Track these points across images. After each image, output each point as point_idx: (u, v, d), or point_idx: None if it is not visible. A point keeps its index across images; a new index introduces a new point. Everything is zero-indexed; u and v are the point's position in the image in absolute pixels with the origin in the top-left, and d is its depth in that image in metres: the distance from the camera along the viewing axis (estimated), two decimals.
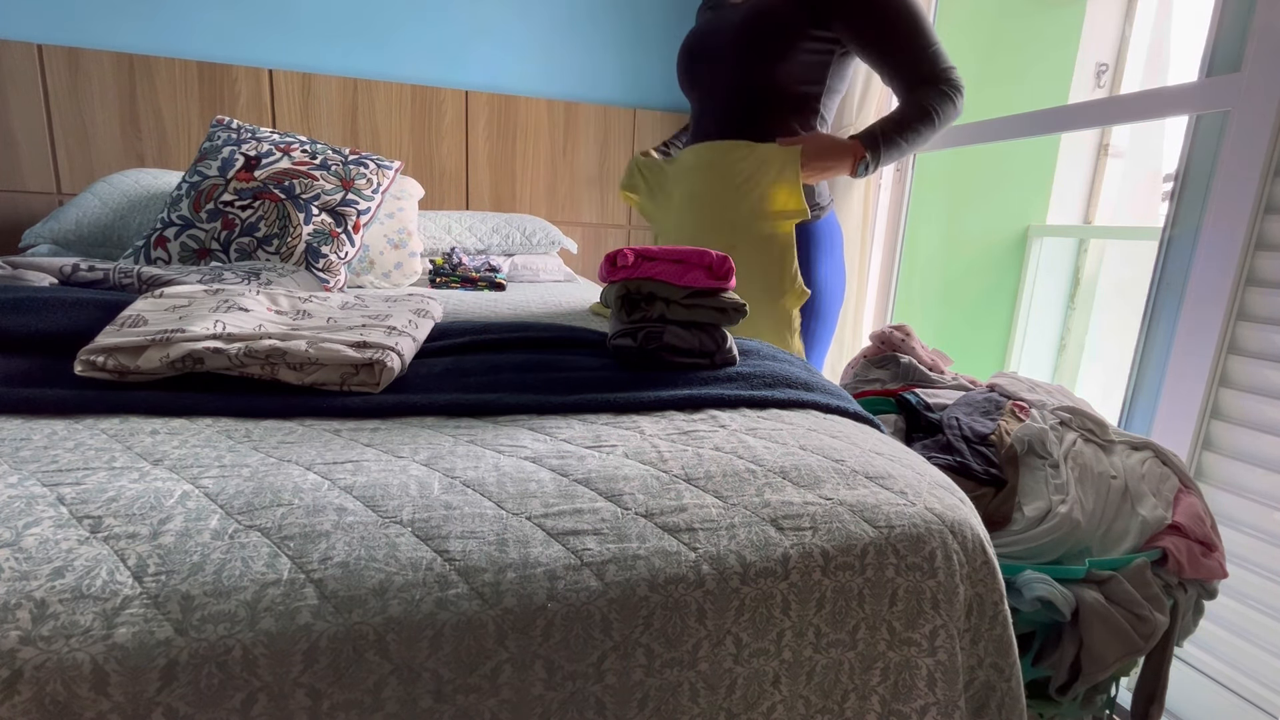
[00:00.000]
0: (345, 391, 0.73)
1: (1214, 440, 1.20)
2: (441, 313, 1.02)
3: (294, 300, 0.90)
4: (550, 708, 0.47)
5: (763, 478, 0.61)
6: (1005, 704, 0.62)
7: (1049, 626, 0.87)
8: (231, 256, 1.41)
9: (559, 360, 0.87)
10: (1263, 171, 1.12)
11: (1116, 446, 1.03)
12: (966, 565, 0.61)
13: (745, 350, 0.96)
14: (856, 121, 1.97)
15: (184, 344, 0.70)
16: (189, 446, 0.59)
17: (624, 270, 0.88)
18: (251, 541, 0.47)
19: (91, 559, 0.43)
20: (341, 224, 1.47)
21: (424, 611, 0.45)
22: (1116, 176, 2.29)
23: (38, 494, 0.49)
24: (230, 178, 1.45)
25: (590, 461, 0.61)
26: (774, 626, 0.54)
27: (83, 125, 1.84)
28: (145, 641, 0.40)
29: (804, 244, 1.28)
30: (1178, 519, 0.93)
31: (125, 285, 1.01)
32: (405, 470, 0.57)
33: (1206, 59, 1.23)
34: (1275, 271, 1.12)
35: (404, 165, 2.06)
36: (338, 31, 2.05)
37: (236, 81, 1.96)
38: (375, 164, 1.58)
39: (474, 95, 2.19)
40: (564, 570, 0.49)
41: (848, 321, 2.10)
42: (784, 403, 0.79)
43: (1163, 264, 1.29)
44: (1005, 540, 0.91)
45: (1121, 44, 2.20)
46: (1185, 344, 1.22)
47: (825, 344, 1.36)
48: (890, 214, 2.14)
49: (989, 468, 0.98)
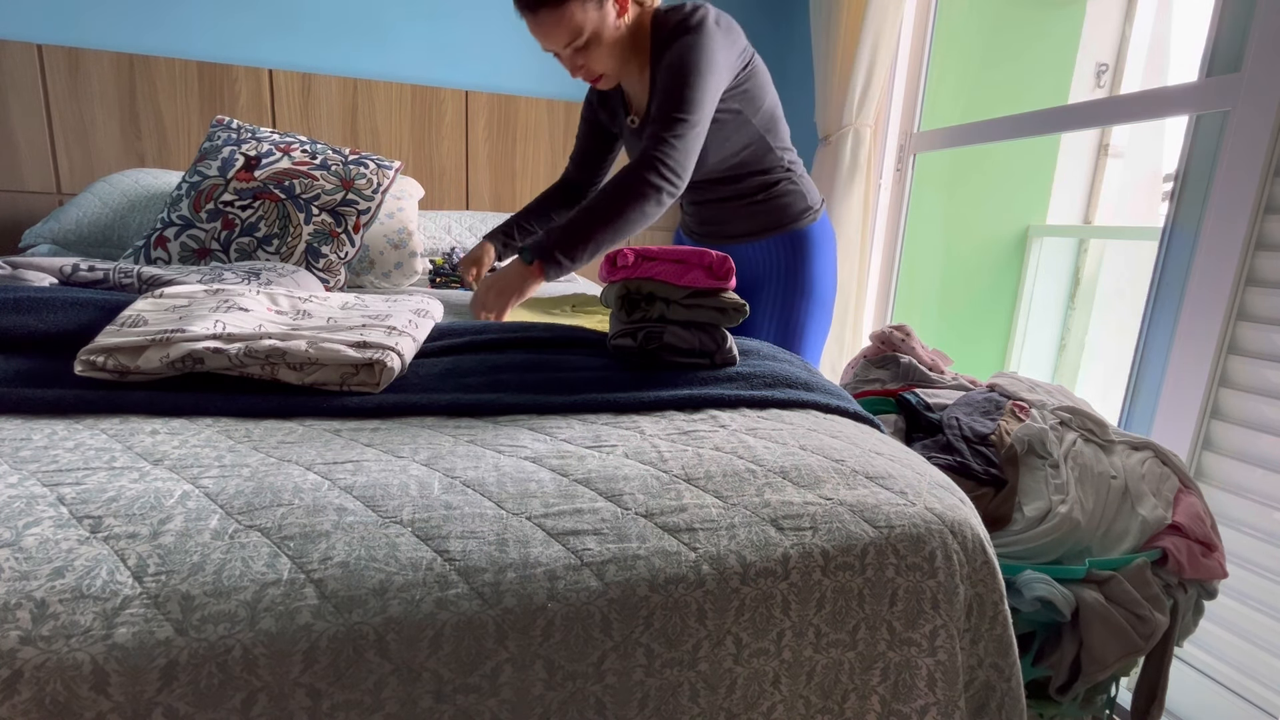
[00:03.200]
0: (345, 391, 0.73)
1: (1214, 440, 1.20)
2: (441, 312, 1.02)
3: (294, 300, 0.90)
4: (550, 708, 0.47)
5: (763, 478, 0.61)
6: (1005, 704, 0.62)
7: (1049, 626, 0.87)
8: (231, 256, 1.41)
9: (559, 360, 0.87)
10: (1263, 171, 1.12)
11: (1116, 446, 1.03)
12: (966, 565, 0.61)
13: (745, 350, 0.97)
14: (856, 121, 1.97)
15: (184, 344, 0.70)
16: (189, 446, 0.59)
17: (624, 270, 0.88)
18: (251, 541, 0.47)
19: (91, 559, 0.43)
20: (341, 224, 1.47)
21: (424, 611, 0.45)
22: (1116, 176, 2.29)
23: (38, 494, 0.49)
24: (230, 178, 1.45)
25: (590, 461, 0.61)
26: (774, 626, 0.54)
27: (83, 125, 1.84)
28: (145, 641, 0.40)
29: (802, 245, 1.34)
30: (1178, 519, 0.93)
31: (125, 285, 1.01)
32: (405, 470, 0.57)
33: (1206, 59, 1.23)
34: (1275, 271, 1.12)
35: (404, 165, 2.06)
36: (338, 31, 2.05)
37: (236, 81, 1.96)
38: (375, 164, 1.58)
39: (474, 95, 2.19)
40: (564, 570, 0.49)
41: (848, 321, 2.10)
42: (784, 403, 0.79)
43: (1163, 264, 1.29)
44: (1005, 540, 0.91)
45: (1121, 44, 2.20)
46: (1185, 344, 1.22)
47: (823, 335, 1.42)
48: (890, 214, 2.14)
49: (989, 468, 0.98)
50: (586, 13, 1.12)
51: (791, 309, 1.36)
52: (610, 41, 1.16)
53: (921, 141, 2.04)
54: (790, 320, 1.36)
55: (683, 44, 1.14)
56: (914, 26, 2.02)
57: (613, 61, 1.19)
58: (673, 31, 1.16)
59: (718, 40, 1.15)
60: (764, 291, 1.38)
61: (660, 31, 1.19)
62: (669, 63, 1.14)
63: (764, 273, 1.38)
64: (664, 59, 1.15)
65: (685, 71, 1.12)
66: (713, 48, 1.14)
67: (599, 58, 1.17)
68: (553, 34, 1.13)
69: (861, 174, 2.01)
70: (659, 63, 1.17)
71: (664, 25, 1.19)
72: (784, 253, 1.36)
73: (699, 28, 1.14)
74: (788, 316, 1.36)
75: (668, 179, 1.11)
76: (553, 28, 1.12)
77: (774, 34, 2.56)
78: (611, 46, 1.17)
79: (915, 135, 2.06)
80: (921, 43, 2.03)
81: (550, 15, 1.11)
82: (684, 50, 1.13)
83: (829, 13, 1.96)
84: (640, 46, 1.23)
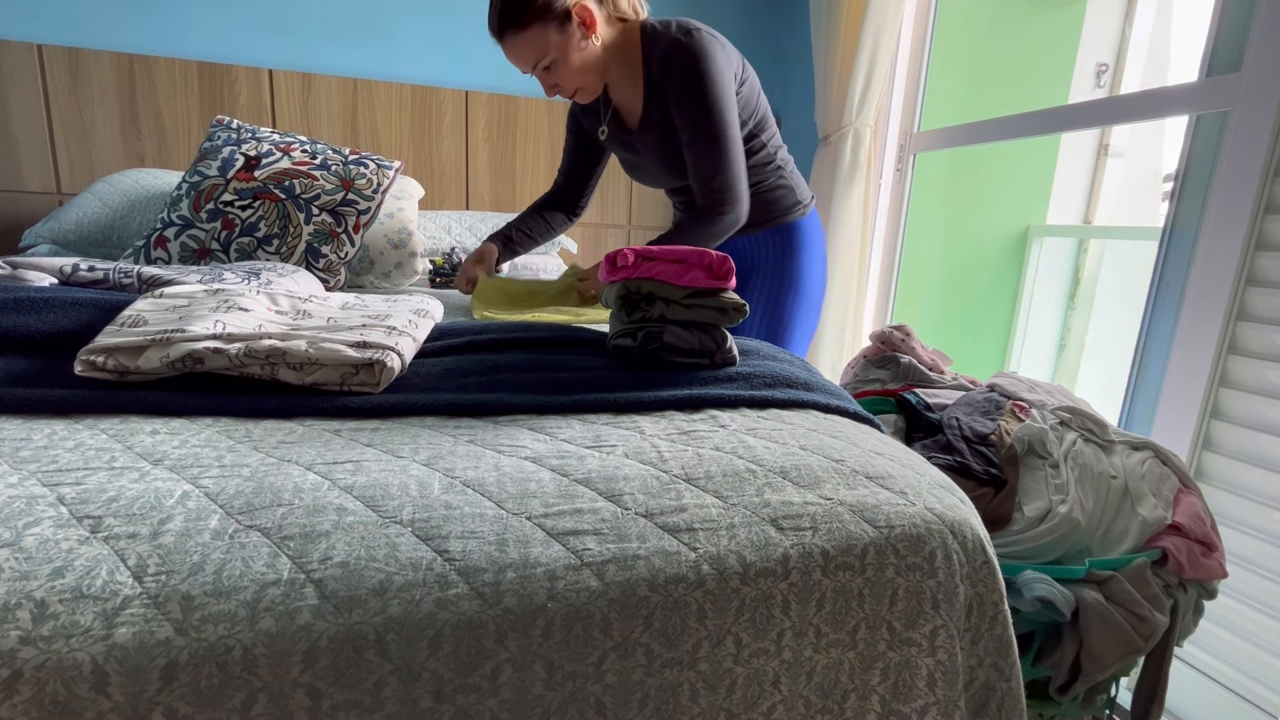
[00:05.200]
0: (345, 391, 0.73)
1: (1214, 440, 1.20)
2: (441, 312, 1.02)
3: (294, 300, 0.90)
4: (550, 708, 0.47)
5: (763, 478, 0.61)
6: (1005, 704, 0.62)
7: (1049, 626, 0.87)
8: (231, 256, 1.41)
9: (559, 360, 0.87)
10: (1263, 171, 1.12)
11: (1116, 446, 1.03)
12: (966, 565, 0.61)
13: (745, 350, 0.97)
14: (856, 121, 1.97)
15: (184, 344, 0.70)
16: (189, 446, 0.59)
17: (624, 270, 0.88)
18: (251, 541, 0.47)
19: (91, 559, 0.43)
20: (341, 224, 1.47)
21: (424, 611, 0.45)
22: (1116, 176, 2.29)
23: (38, 494, 0.49)
24: (230, 178, 1.45)
25: (590, 461, 0.61)
26: (774, 626, 0.54)
27: (83, 125, 1.84)
28: (145, 641, 0.40)
29: (791, 239, 1.40)
30: (1178, 519, 0.93)
31: (125, 285, 1.01)
32: (405, 470, 0.57)
33: (1206, 59, 1.23)
34: (1275, 271, 1.12)
35: (404, 165, 2.06)
36: (338, 31, 2.05)
37: (236, 81, 1.96)
38: (375, 164, 1.58)
39: (474, 95, 2.19)
40: (564, 570, 0.49)
41: (848, 321, 2.10)
42: (784, 403, 0.79)
43: (1163, 264, 1.29)
44: (1005, 540, 0.91)
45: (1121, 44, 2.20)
46: (1185, 344, 1.22)
47: (810, 329, 1.46)
48: (890, 214, 2.14)
49: (989, 468, 0.98)
50: (549, 34, 1.16)
51: (779, 302, 1.40)
52: (579, 61, 1.20)
53: (921, 141, 2.04)
54: (777, 313, 1.41)
55: (690, 74, 1.18)
56: (914, 26, 2.02)
57: (587, 78, 1.24)
58: (671, 54, 1.19)
59: (719, 61, 1.20)
60: (752, 284, 1.43)
61: (653, 48, 1.22)
62: (686, 100, 1.19)
63: (753, 266, 1.43)
64: (669, 87, 1.20)
65: (707, 108, 1.19)
66: (717, 70, 1.19)
67: (567, 76, 1.21)
68: (520, 55, 1.19)
69: (861, 174, 2.01)
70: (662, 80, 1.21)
71: (656, 42, 1.22)
72: (773, 246, 1.40)
73: (703, 54, 1.18)
74: (775, 310, 1.41)
75: (731, 211, 1.23)
76: (519, 50, 1.18)
77: (774, 34, 2.56)
78: (583, 65, 1.21)
79: (915, 135, 2.06)
80: (921, 43, 2.03)
81: (514, 39, 1.17)
82: (694, 84, 1.18)
83: (829, 13, 1.96)
84: (631, 59, 1.26)
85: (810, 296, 1.43)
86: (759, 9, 2.51)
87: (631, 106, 1.31)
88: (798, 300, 1.41)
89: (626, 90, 1.30)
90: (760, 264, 1.42)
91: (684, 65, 1.18)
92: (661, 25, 1.23)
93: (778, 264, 1.40)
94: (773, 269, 1.41)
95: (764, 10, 2.52)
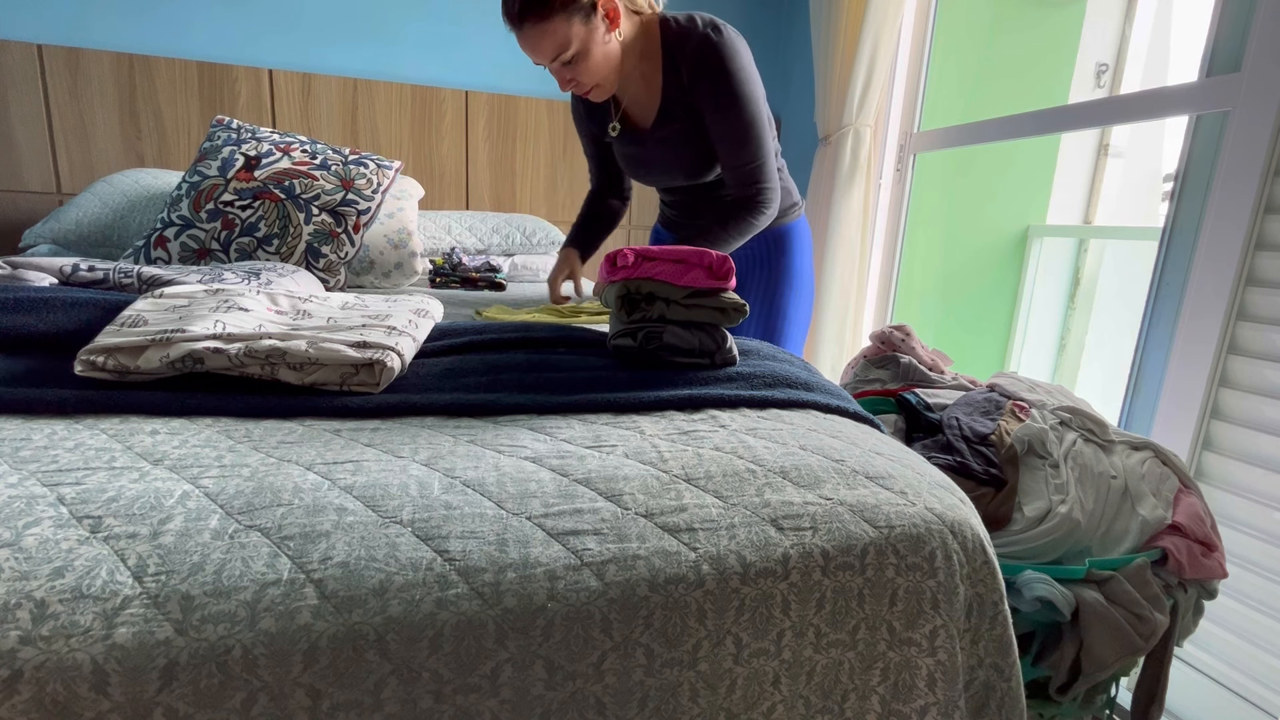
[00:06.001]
0: (345, 391, 0.73)
1: (1214, 440, 1.20)
2: (441, 312, 1.02)
3: (294, 300, 0.90)
4: (550, 708, 0.47)
5: (763, 478, 0.61)
6: (1005, 704, 0.62)
7: (1049, 626, 0.87)
8: (231, 256, 1.41)
9: (559, 360, 0.87)
10: (1263, 171, 1.12)
11: (1116, 446, 1.03)
12: (966, 565, 0.61)
13: (745, 350, 0.96)
14: (856, 121, 1.97)
15: (184, 344, 0.70)
16: (189, 446, 0.59)
17: (624, 270, 0.88)
18: (251, 541, 0.47)
19: (91, 559, 0.43)
20: (341, 224, 1.47)
21: (424, 611, 0.45)
22: (1116, 176, 2.29)
23: (38, 494, 0.49)
24: (230, 178, 1.45)
25: (590, 461, 0.61)
26: (774, 626, 0.54)
27: (83, 125, 1.84)
28: (145, 641, 0.40)
29: (784, 240, 1.42)
30: (1178, 519, 0.93)
31: (125, 285, 1.01)
32: (405, 470, 0.57)
33: (1206, 59, 1.23)
34: (1275, 271, 1.12)
35: (404, 165, 2.06)
36: (338, 31, 2.05)
37: (236, 81, 1.96)
38: (375, 164, 1.58)
39: (474, 95, 2.19)
40: (564, 570, 0.49)
41: (848, 321, 2.10)
42: (784, 403, 0.79)
43: (1163, 264, 1.29)
44: (1005, 540, 0.91)
45: (1121, 44, 2.20)
46: (1185, 344, 1.22)
47: (805, 325, 1.49)
48: (890, 214, 2.14)
49: (989, 468, 0.98)
50: (572, 26, 1.09)
51: (776, 299, 1.43)
52: (602, 55, 1.14)
53: (921, 141, 2.04)
54: (774, 310, 1.43)
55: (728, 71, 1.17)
56: (914, 26, 2.02)
57: (606, 73, 1.17)
58: (705, 51, 1.16)
59: (749, 56, 1.20)
60: (748, 284, 1.45)
61: (681, 45, 1.18)
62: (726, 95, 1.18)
63: (748, 266, 1.45)
64: (702, 84, 1.18)
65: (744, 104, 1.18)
66: (750, 64, 1.19)
67: (588, 71, 1.15)
68: (539, 47, 1.11)
69: (861, 174, 2.01)
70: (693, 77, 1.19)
71: (685, 39, 1.18)
72: (767, 247, 1.42)
73: (738, 50, 1.17)
74: (773, 306, 1.43)
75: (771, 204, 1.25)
76: (539, 41, 1.10)
77: (774, 34, 2.56)
78: (605, 60, 1.15)
79: (915, 135, 2.06)
80: (921, 43, 2.03)
81: (535, 29, 1.09)
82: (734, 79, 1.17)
83: (829, 13, 1.96)
84: (648, 54, 1.22)
85: (804, 293, 1.46)
86: (759, 9, 2.51)
87: (645, 102, 1.27)
88: (794, 296, 1.44)
89: (639, 86, 1.26)
90: (755, 265, 1.43)
91: (720, 62, 1.16)
92: (686, 20, 1.19)
93: (774, 265, 1.42)
94: (769, 270, 1.42)
95: (764, 10, 2.52)
